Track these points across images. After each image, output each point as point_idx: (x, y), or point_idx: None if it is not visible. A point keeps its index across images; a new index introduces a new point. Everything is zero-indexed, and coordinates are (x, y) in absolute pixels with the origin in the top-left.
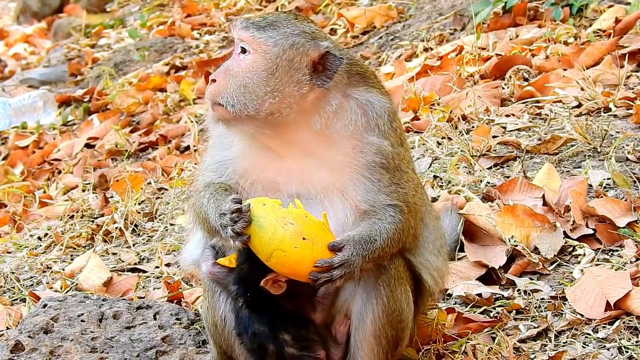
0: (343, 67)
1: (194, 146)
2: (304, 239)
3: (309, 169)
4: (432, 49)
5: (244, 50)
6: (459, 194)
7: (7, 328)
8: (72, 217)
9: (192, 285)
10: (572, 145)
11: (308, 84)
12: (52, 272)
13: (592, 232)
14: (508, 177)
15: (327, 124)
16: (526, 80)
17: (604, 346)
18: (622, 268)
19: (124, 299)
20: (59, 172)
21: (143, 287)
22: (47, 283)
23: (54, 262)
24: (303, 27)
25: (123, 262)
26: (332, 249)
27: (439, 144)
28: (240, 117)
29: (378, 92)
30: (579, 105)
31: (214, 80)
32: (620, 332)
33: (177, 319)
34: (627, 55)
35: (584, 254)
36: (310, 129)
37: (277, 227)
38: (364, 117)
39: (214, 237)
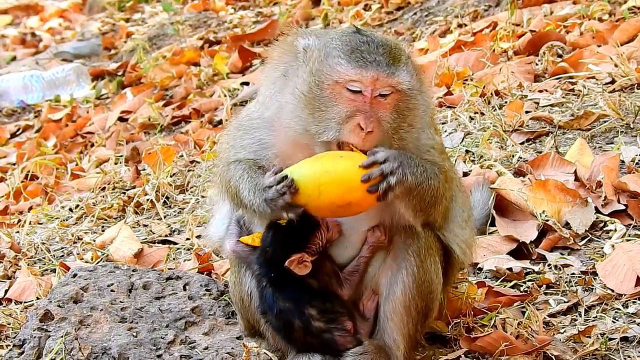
0: None
1: (227, 120)
2: (341, 157)
3: None
4: (466, 25)
5: None
6: (491, 169)
7: (37, 298)
8: (103, 189)
9: (222, 257)
10: (604, 121)
11: None
12: (82, 243)
13: (623, 207)
14: (540, 152)
15: None
16: (560, 56)
17: (634, 321)
18: None
19: (154, 270)
20: (92, 145)
21: (174, 259)
22: (78, 254)
23: (85, 233)
24: None
25: (154, 233)
26: (372, 153)
27: (472, 118)
28: None
29: None
30: (613, 82)
31: None
32: None
33: (206, 290)
34: None
35: (615, 230)
36: None
37: (313, 164)
38: None
39: (243, 210)
